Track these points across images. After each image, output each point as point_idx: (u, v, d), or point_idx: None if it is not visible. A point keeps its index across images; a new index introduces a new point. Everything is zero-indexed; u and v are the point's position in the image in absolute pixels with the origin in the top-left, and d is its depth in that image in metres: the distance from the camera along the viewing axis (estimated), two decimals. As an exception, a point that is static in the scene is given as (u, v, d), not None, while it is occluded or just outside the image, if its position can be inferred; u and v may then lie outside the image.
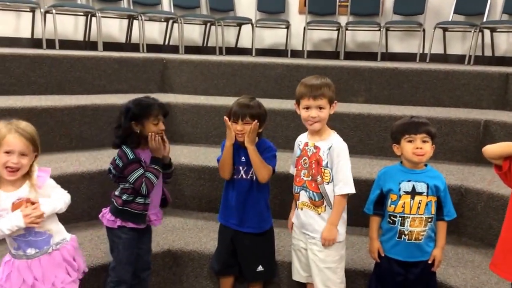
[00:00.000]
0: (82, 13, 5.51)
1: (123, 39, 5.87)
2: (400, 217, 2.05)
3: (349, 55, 6.09)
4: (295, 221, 2.26)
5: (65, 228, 1.99)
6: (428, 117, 2.86)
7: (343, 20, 6.18)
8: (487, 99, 3.83)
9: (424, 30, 5.72)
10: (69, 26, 5.60)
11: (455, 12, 5.91)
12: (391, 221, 2.08)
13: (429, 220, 2.05)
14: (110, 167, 2.18)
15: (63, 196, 1.92)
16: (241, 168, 2.25)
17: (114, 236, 2.19)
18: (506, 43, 5.82)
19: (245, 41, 6.50)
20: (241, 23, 6.36)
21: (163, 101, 3.55)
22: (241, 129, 2.16)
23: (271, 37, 6.60)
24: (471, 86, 3.84)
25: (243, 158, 2.23)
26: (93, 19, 5.36)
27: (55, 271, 1.88)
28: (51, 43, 4.92)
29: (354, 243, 2.65)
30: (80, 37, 5.65)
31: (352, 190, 2.09)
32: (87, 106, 3.34)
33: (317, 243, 2.13)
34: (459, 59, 5.75)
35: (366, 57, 5.77)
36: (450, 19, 5.89)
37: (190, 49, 5.85)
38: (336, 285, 2.15)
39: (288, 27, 6.24)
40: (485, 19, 5.69)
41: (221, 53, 5.92)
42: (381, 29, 5.86)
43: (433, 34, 5.62)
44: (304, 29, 6.11)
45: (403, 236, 2.05)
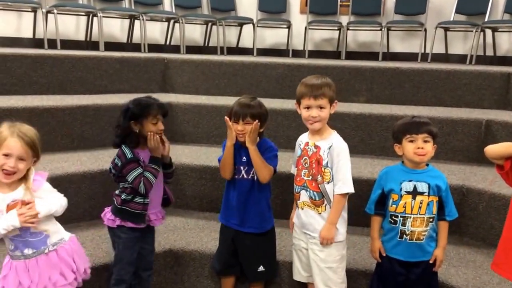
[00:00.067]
0: (83, 13, 5.52)
1: (124, 39, 5.87)
2: (401, 217, 2.05)
3: (351, 55, 6.09)
4: (296, 221, 2.26)
5: (67, 227, 1.99)
6: (429, 117, 2.86)
7: (345, 20, 6.18)
8: (489, 99, 3.83)
9: (425, 29, 5.71)
10: (71, 26, 5.60)
11: (457, 11, 5.91)
12: (393, 221, 2.08)
13: (431, 220, 2.05)
14: (110, 167, 2.19)
15: (60, 199, 1.91)
16: (242, 168, 2.25)
17: (114, 235, 2.21)
18: (507, 42, 5.81)
19: (246, 41, 6.50)
20: (242, 23, 6.36)
21: (164, 101, 3.60)
22: (242, 129, 2.16)
23: (272, 37, 6.59)
24: (472, 86, 3.84)
25: (244, 158, 2.23)
26: (95, 19, 5.37)
27: (49, 272, 1.87)
28: (52, 43, 4.92)
29: (355, 243, 2.65)
30: (81, 37, 5.66)
31: (351, 189, 2.09)
32: (88, 106, 3.35)
33: (317, 242, 2.13)
34: (461, 59, 5.74)
35: (367, 57, 5.76)
36: (451, 19, 5.88)
37: (191, 49, 5.85)
38: (337, 285, 2.15)
39: (289, 27, 6.23)
40: (486, 19, 5.69)
41: (222, 53, 5.91)
42: (383, 29, 5.85)
43: (435, 33, 5.61)
44: (305, 29, 6.10)
45: (405, 236, 2.05)
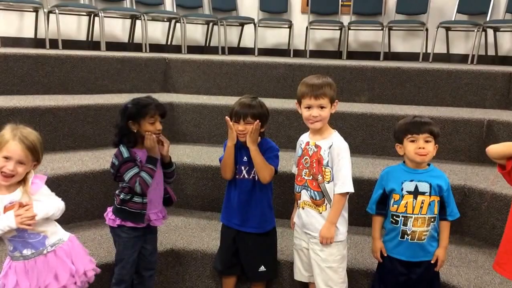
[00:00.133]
0: (85, 13, 5.52)
1: (126, 39, 5.87)
2: (402, 217, 2.05)
3: (352, 55, 6.09)
4: (296, 221, 2.26)
5: (69, 227, 2.00)
6: (431, 117, 2.85)
7: (346, 19, 6.18)
8: (490, 99, 3.82)
9: (427, 29, 5.70)
10: (72, 26, 5.60)
11: (458, 11, 5.90)
12: (394, 221, 2.07)
13: (432, 220, 2.04)
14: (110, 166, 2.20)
15: (57, 202, 1.90)
16: (243, 168, 2.25)
17: (115, 235, 2.21)
18: (509, 42, 5.80)
19: (247, 41, 6.50)
20: (243, 22, 6.36)
21: (165, 101, 3.65)
22: (243, 129, 2.15)
23: (274, 36, 6.59)
24: (474, 85, 3.84)
25: (245, 158, 2.23)
26: (96, 19, 5.37)
27: (45, 275, 1.86)
28: (54, 43, 4.92)
29: (357, 243, 2.65)
30: (83, 37, 5.66)
31: (351, 189, 2.08)
32: (90, 105, 3.35)
33: (318, 242, 2.13)
34: (462, 58, 5.74)
35: (368, 57, 5.76)
36: (453, 19, 5.88)
37: (192, 49, 5.85)
38: (337, 285, 2.15)
39: (290, 27, 6.23)
40: (488, 19, 5.69)
41: (223, 53, 5.91)
42: (384, 29, 5.85)
43: (436, 33, 5.61)
44: (306, 28, 6.09)
45: (406, 236, 2.05)
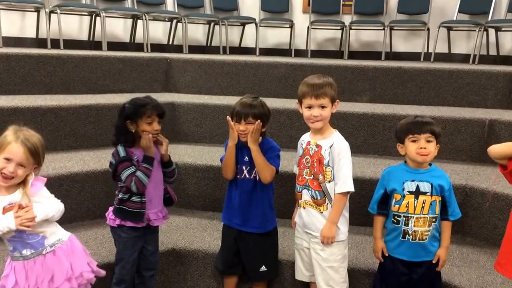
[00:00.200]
0: (86, 13, 5.53)
1: (127, 38, 5.87)
2: (404, 216, 2.04)
3: (353, 55, 6.09)
4: (298, 221, 2.26)
5: (70, 226, 2.00)
6: (432, 117, 2.84)
7: (347, 19, 6.17)
8: (492, 99, 3.82)
9: (428, 29, 5.70)
10: (74, 26, 5.61)
11: (460, 11, 5.89)
12: (395, 221, 2.07)
13: (434, 220, 2.04)
14: None
15: (57, 204, 1.90)
16: (244, 167, 2.25)
17: (115, 234, 2.22)
18: (511, 42, 5.79)
19: (249, 41, 6.50)
20: (244, 22, 6.35)
21: (167, 100, 3.65)
22: (244, 129, 2.15)
23: (275, 36, 6.59)
24: (475, 85, 3.84)
25: (246, 157, 2.23)
26: (98, 19, 5.38)
27: (43, 276, 1.86)
28: (55, 43, 4.93)
29: (358, 243, 2.65)
30: (84, 37, 5.67)
31: (351, 188, 2.08)
32: (91, 105, 3.35)
33: (319, 242, 2.13)
34: (464, 58, 5.73)
35: (370, 57, 5.75)
36: (454, 18, 5.87)
37: (194, 49, 5.85)
38: (338, 284, 2.15)
39: (292, 27, 6.23)
40: (489, 18, 5.67)
41: (225, 53, 5.92)
42: (385, 28, 5.85)
43: (438, 33, 5.61)
44: (308, 28, 6.09)
45: (407, 236, 2.04)
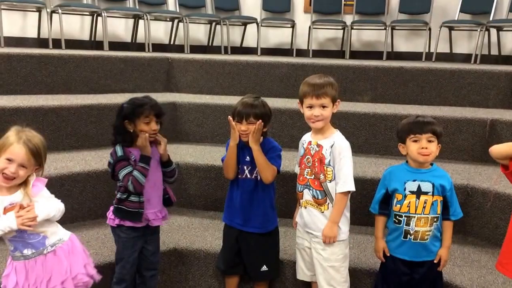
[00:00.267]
0: (88, 13, 5.54)
1: (128, 38, 5.88)
2: (405, 216, 2.05)
3: (355, 54, 6.08)
4: (299, 220, 2.26)
5: (72, 226, 2.00)
6: (434, 116, 2.84)
7: (349, 19, 6.17)
8: (494, 98, 3.82)
9: (430, 29, 5.69)
10: (75, 26, 5.62)
11: (461, 11, 5.88)
12: (397, 221, 2.07)
13: (435, 219, 2.04)
14: None
15: (58, 204, 1.91)
16: (245, 167, 2.25)
17: (115, 234, 2.22)
18: (512, 42, 5.80)
19: (250, 41, 6.50)
20: (246, 22, 6.35)
21: (168, 100, 3.66)
22: (245, 129, 2.16)
23: (276, 36, 6.59)
24: (477, 85, 3.83)
25: (248, 157, 2.23)
26: (99, 18, 5.39)
27: (43, 275, 1.86)
28: (57, 43, 4.94)
29: (360, 242, 2.65)
30: (86, 36, 5.68)
31: (352, 188, 2.08)
32: (93, 105, 3.36)
33: (320, 241, 2.13)
34: (465, 58, 5.73)
35: (371, 56, 5.74)
36: (456, 18, 5.87)
37: (195, 49, 5.85)
38: (339, 284, 2.15)
39: (293, 26, 6.23)
40: (491, 18, 5.66)
41: (226, 53, 5.92)
42: (387, 28, 5.84)
43: (439, 33, 5.60)
44: (309, 28, 6.09)
45: (409, 235, 2.05)
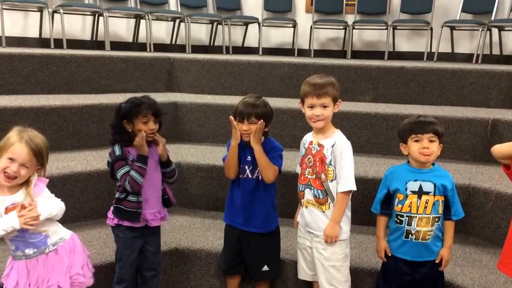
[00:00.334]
0: (89, 13, 5.54)
1: (130, 38, 5.88)
2: (407, 216, 2.05)
3: (356, 54, 6.08)
4: (300, 220, 2.26)
5: (74, 226, 2.01)
6: (435, 116, 2.84)
7: (350, 19, 6.17)
8: (495, 98, 3.81)
9: (431, 28, 5.69)
10: (77, 25, 5.62)
11: (463, 10, 5.87)
12: (398, 221, 2.07)
13: (436, 219, 2.04)
14: None
15: (59, 203, 1.91)
16: (246, 167, 2.25)
17: (114, 234, 2.23)
18: (514, 41, 5.79)
19: (251, 40, 6.50)
20: (247, 22, 6.36)
21: (170, 100, 3.66)
22: (247, 128, 2.16)
23: (278, 36, 6.59)
24: (478, 85, 3.83)
25: (249, 157, 2.23)
26: (101, 18, 5.39)
27: (44, 274, 1.87)
28: (58, 43, 4.94)
29: (361, 242, 2.65)
30: (87, 36, 5.68)
31: (353, 187, 2.08)
32: (94, 105, 3.36)
33: (321, 241, 2.13)
34: (467, 58, 5.72)
35: (373, 56, 5.74)
36: (457, 18, 5.85)
37: (197, 48, 5.85)
38: (341, 283, 2.15)
39: (294, 26, 6.22)
40: (493, 18, 5.66)
41: (227, 52, 5.92)
42: (388, 28, 5.84)
43: (441, 32, 5.59)
44: (311, 28, 6.09)
45: (410, 235, 2.05)
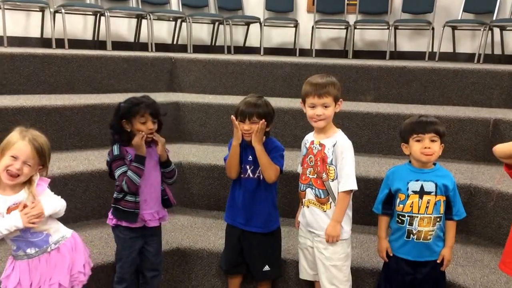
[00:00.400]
0: (91, 13, 5.55)
1: (131, 38, 5.89)
2: (408, 216, 2.05)
3: (358, 54, 6.08)
4: (301, 220, 2.26)
5: (76, 226, 2.01)
6: (437, 116, 2.84)
7: (352, 18, 6.16)
8: (497, 98, 3.81)
9: (433, 28, 5.68)
10: (78, 25, 5.63)
11: (465, 10, 5.87)
12: (400, 221, 2.07)
13: (438, 219, 2.04)
14: None
15: (60, 200, 1.92)
16: (248, 167, 2.25)
17: (115, 234, 2.23)
18: (516, 41, 5.78)
19: (253, 40, 6.50)
20: (249, 22, 6.35)
21: (171, 100, 3.66)
22: (248, 128, 2.16)
23: (280, 36, 6.59)
24: (480, 84, 3.83)
25: (250, 157, 2.23)
26: (102, 18, 5.39)
27: (46, 273, 1.87)
28: (60, 43, 4.94)
29: (362, 242, 2.65)
30: (89, 36, 5.68)
31: (354, 187, 2.08)
32: (96, 105, 3.36)
33: (322, 241, 2.13)
34: (469, 57, 5.72)
35: (374, 56, 5.74)
36: (459, 18, 5.85)
37: (198, 48, 5.86)
38: (342, 283, 2.15)
39: (296, 26, 6.22)
40: (494, 18, 5.66)
41: (229, 52, 5.92)
42: (390, 28, 5.83)
43: (442, 32, 5.59)
44: (312, 28, 6.09)
45: (412, 235, 2.05)
